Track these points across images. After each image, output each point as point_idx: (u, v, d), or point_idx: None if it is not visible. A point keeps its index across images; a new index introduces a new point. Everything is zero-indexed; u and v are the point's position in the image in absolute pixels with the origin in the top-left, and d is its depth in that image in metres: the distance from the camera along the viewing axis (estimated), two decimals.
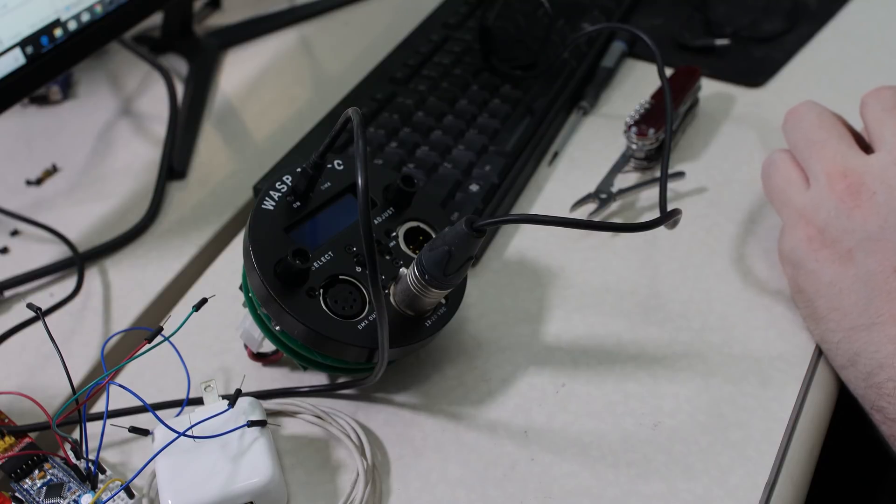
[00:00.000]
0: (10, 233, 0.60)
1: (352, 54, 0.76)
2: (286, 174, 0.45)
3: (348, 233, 0.44)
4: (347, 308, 0.42)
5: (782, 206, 0.49)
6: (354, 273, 0.43)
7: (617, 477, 0.42)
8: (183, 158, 0.65)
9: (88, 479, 0.41)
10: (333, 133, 0.41)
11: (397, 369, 0.47)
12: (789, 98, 0.65)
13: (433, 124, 0.61)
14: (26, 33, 0.55)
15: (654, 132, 0.57)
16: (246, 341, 0.47)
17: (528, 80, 0.64)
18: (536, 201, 0.58)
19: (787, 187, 0.48)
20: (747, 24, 0.72)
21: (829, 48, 0.69)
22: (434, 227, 0.47)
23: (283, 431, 0.45)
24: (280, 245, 0.42)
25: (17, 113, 0.72)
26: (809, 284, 0.46)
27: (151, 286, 0.55)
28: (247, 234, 0.42)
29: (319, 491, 0.42)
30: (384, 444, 0.44)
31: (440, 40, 0.70)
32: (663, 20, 0.74)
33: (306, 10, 0.82)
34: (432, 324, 0.44)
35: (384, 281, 0.43)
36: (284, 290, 0.41)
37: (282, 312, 0.41)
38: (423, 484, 0.42)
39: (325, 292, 0.42)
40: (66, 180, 0.65)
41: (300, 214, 0.44)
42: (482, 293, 0.52)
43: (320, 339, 0.41)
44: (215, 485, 0.39)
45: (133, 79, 0.75)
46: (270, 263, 0.41)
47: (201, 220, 0.60)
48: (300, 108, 0.70)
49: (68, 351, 0.50)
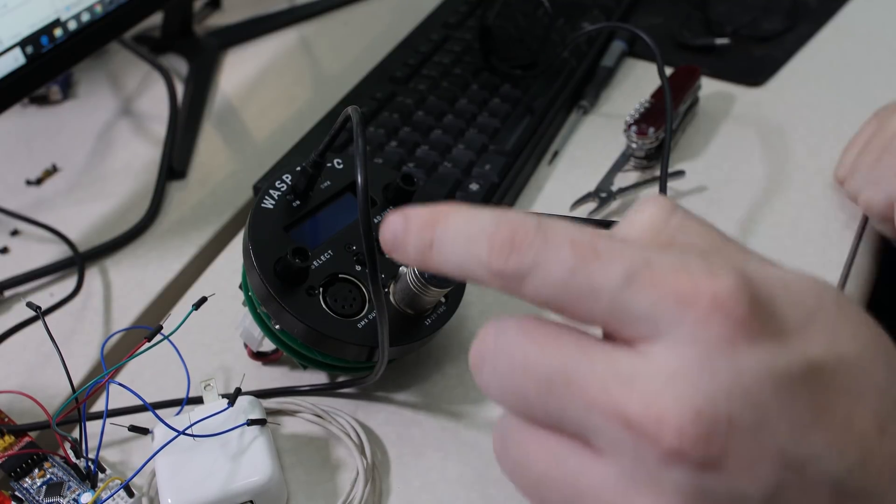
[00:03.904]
0: (10, 232, 0.60)
1: (352, 54, 0.76)
2: (285, 173, 0.45)
3: (348, 231, 0.44)
4: (347, 307, 0.42)
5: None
6: (354, 272, 0.43)
7: None
8: (183, 158, 0.65)
9: (88, 477, 0.41)
10: (333, 131, 0.41)
11: (397, 368, 0.47)
12: (789, 97, 0.65)
13: (433, 123, 0.61)
14: (26, 33, 0.55)
15: (654, 131, 0.57)
16: (246, 340, 0.47)
17: (528, 80, 0.64)
18: (536, 200, 0.58)
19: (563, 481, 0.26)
20: (747, 23, 0.72)
21: (829, 47, 0.69)
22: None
23: (283, 430, 0.45)
24: (280, 244, 0.42)
25: (17, 113, 0.72)
26: None
27: (151, 286, 0.55)
28: (246, 233, 0.42)
29: (319, 490, 0.42)
30: (384, 443, 0.44)
31: (440, 40, 0.70)
32: (663, 19, 0.74)
33: (306, 10, 0.82)
34: (432, 322, 0.44)
35: (384, 280, 0.43)
36: (284, 289, 0.41)
37: (281, 311, 0.41)
38: (423, 483, 0.42)
39: (325, 291, 0.42)
40: (66, 180, 0.65)
41: (300, 213, 0.44)
42: (482, 292, 0.52)
43: (320, 337, 0.41)
44: (215, 483, 0.39)
45: (133, 79, 0.75)
46: (270, 262, 0.41)
47: (201, 220, 0.60)
48: (300, 108, 0.70)
49: (68, 350, 0.49)
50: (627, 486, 0.24)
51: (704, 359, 0.23)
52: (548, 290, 0.25)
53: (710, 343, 0.23)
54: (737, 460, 0.23)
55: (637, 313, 0.24)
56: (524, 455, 0.26)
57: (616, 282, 0.24)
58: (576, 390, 0.24)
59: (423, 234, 0.27)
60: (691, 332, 0.23)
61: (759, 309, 0.24)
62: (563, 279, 0.25)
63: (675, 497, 0.23)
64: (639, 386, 0.23)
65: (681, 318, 0.23)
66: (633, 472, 0.24)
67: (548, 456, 0.26)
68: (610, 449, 0.24)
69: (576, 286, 0.25)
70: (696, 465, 0.23)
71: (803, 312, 0.25)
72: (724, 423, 0.23)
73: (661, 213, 0.27)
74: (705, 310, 0.23)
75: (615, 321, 0.25)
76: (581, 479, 0.25)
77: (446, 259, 0.27)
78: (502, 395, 0.26)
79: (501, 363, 0.26)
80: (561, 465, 0.25)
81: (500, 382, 0.26)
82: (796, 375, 0.23)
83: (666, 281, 0.24)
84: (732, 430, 0.23)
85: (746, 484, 0.23)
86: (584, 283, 0.24)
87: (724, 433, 0.23)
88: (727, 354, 0.23)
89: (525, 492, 0.27)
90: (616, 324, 0.25)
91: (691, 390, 0.23)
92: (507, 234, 0.25)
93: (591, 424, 0.24)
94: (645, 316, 0.24)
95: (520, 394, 0.26)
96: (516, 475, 0.27)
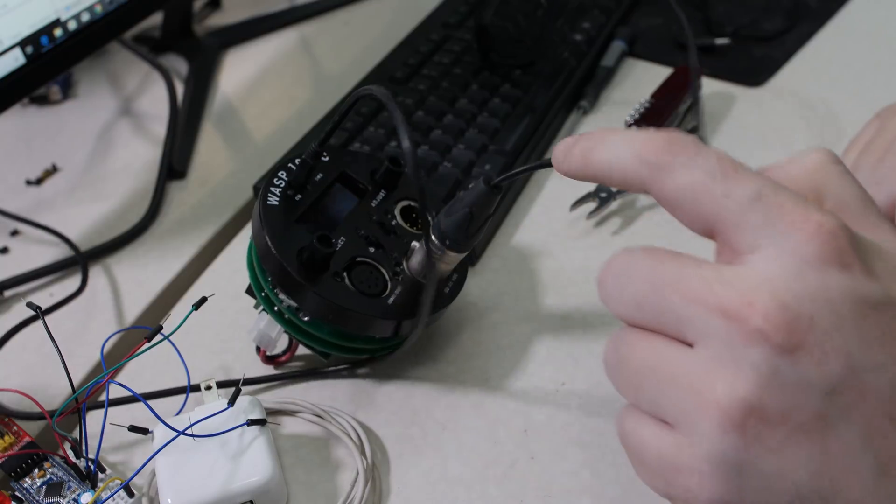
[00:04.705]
0: (9, 233, 0.60)
1: (352, 54, 0.76)
2: (280, 170, 0.45)
3: (353, 218, 0.45)
4: (373, 287, 0.43)
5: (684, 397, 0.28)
6: (369, 254, 0.44)
7: (617, 476, 0.42)
8: (183, 158, 0.65)
9: (88, 477, 0.41)
10: (342, 112, 0.41)
11: (397, 368, 0.47)
12: (789, 97, 0.65)
13: (433, 123, 0.61)
14: (26, 33, 0.55)
15: None
16: (259, 343, 0.46)
17: (528, 80, 0.64)
18: (536, 200, 0.58)
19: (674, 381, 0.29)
20: (747, 23, 0.72)
21: (830, 47, 0.69)
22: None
23: (283, 430, 0.45)
24: (295, 237, 0.43)
25: (17, 113, 0.72)
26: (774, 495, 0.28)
27: (151, 286, 0.55)
28: (261, 232, 0.42)
29: (319, 490, 0.42)
30: (384, 443, 0.44)
31: (440, 40, 0.70)
32: (663, 20, 0.74)
33: (306, 10, 0.82)
34: (450, 290, 0.46)
35: (397, 257, 0.45)
36: (313, 279, 0.42)
37: (315, 300, 0.42)
38: (422, 483, 0.42)
39: (350, 275, 0.43)
40: (66, 180, 0.65)
41: (304, 206, 0.45)
42: (482, 292, 0.52)
43: (359, 318, 0.42)
44: (215, 483, 0.39)
45: (133, 79, 0.75)
46: (293, 255, 0.42)
47: (201, 220, 0.60)
48: (300, 108, 0.70)
49: (68, 350, 0.49)
50: (712, 367, 0.27)
51: (800, 269, 0.27)
52: (688, 187, 0.30)
53: (808, 258, 0.27)
54: (810, 352, 0.26)
55: (754, 223, 0.28)
56: (630, 350, 0.30)
57: (748, 194, 0.29)
58: (684, 289, 0.28)
59: (588, 141, 0.33)
60: (794, 248, 0.28)
61: (856, 248, 0.28)
62: (703, 180, 0.29)
63: (751, 374, 0.27)
64: (738, 284, 0.27)
65: (788, 235, 0.28)
66: (720, 354, 0.27)
67: (650, 348, 0.30)
68: (703, 338, 0.28)
69: (713, 189, 0.29)
70: (775, 347, 0.26)
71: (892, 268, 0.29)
72: (806, 319, 0.27)
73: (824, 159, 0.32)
74: (810, 233, 0.28)
75: (733, 227, 0.29)
76: (675, 364, 0.29)
77: (606, 157, 0.32)
78: (621, 301, 0.30)
79: (626, 275, 0.30)
80: (659, 355, 0.29)
81: (621, 289, 0.30)
82: (874, 302, 0.27)
83: (785, 205, 0.28)
84: (812, 327, 0.27)
85: (814, 373, 0.27)
86: (721, 188, 0.29)
87: (805, 327, 0.26)
88: (820, 270, 0.27)
89: (623, 384, 0.31)
90: (733, 229, 0.29)
91: (783, 288, 0.27)
92: (664, 137, 0.30)
93: (693, 317, 0.28)
94: (760, 227, 0.28)
95: (636, 296, 0.30)
96: (619, 369, 0.31)
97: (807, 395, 0.27)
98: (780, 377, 0.27)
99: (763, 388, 0.27)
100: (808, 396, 0.27)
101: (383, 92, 0.38)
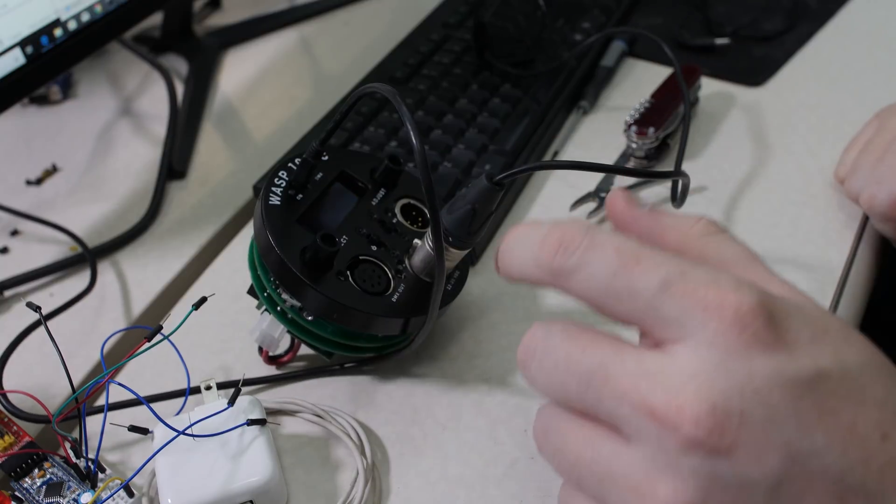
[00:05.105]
0: (10, 232, 0.60)
1: (352, 54, 0.76)
2: (280, 170, 0.45)
3: (353, 217, 0.46)
4: (376, 285, 0.43)
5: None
6: (371, 252, 0.44)
7: None
8: (183, 158, 0.65)
9: (88, 477, 0.41)
10: (344, 109, 0.41)
11: (397, 367, 0.47)
12: (789, 97, 0.65)
13: (433, 123, 0.61)
14: (26, 33, 0.55)
15: (653, 131, 0.57)
16: (262, 344, 0.46)
17: (528, 80, 0.64)
18: (536, 200, 0.58)
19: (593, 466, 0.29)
20: (747, 23, 0.72)
21: (830, 47, 0.69)
22: (424, 203, 0.48)
23: (283, 430, 0.45)
24: (298, 236, 0.43)
25: (17, 113, 0.72)
26: None
27: (151, 285, 0.55)
28: (263, 231, 0.42)
29: (319, 490, 0.42)
30: (384, 443, 0.44)
31: (440, 40, 0.70)
32: (663, 20, 0.74)
33: (306, 10, 0.82)
34: (453, 287, 0.46)
35: (399, 255, 0.45)
36: (317, 278, 0.42)
37: (319, 299, 0.42)
38: (422, 482, 0.42)
39: (353, 273, 0.43)
40: (66, 180, 0.65)
41: (305, 205, 0.45)
42: (482, 292, 0.52)
43: (363, 317, 0.42)
44: (215, 483, 0.39)
45: (133, 79, 0.75)
46: (296, 254, 0.42)
47: (201, 220, 0.60)
48: (300, 108, 0.70)
49: (68, 350, 0.49)
50: (651, 470, 0.27)
51: (722, 361, 0.26)
52: (592, 288, 0.29)
53: (729, 348, 0.26)
54: (746, 450, 0.26)
55: (668, 316, 0.27)
56: (563, 440, 0.30)
57: (653, 287, 0.27)
58: (610, 384, 0.28)
59: (503, 246, 0.33)
60: (713, 338, 0.27)
61: (776, 324, 0.27)
62: (606, 279, 0.28)
63: (691, 480, 0.26)
64: (663, 381, 0.27)
65: (705, 325, 0.27)
66: (656, 458, 0.27)
67: (584, 441, 0.29)
68: (637, 436, 0.27)
69: (617, 287, 0.28)
70: (710, 451, 0.26)
71: (814, 331, 0.28)
72: (736, 416, 0.25)
73: (706, 228, 0.32)
74: (728, 320, 0.26)
75: (649, 321, 0.28)
76: (612, 462, 0.28)
77: (515, 264, 0.32)
78: (547, 388, 0.30)
79: (548, 361, 0.30)
80: (595, 450, 0.29)
81: (545, 377, 0.30)
82: (804, 380, 0.26)
83: (697, 292, 0.27)
84: (743, 423, 0.25)
85: (754, 471, 0.26)
86: (625, 284, 0.28)
87: (736, 425, 0.25)
88: (743, 359, 0.26)
89: (563, 474, 0.31)
90: (649, 323, 0.28)
91: (708, 386, 0.26)
92: (558, 236, 0.30)
93: (622, 414, 0.27)
94: (675, 319, 0.27)
95: (562, 387, 0.29)
96: (556, 459, 0.30)
97: (751, 493, 0.26)
98: (720, 480, 0.26)
99: (706, 492, 0.26)
100: (753, 495, 0.26)
101: (388, 89, 0.38)
